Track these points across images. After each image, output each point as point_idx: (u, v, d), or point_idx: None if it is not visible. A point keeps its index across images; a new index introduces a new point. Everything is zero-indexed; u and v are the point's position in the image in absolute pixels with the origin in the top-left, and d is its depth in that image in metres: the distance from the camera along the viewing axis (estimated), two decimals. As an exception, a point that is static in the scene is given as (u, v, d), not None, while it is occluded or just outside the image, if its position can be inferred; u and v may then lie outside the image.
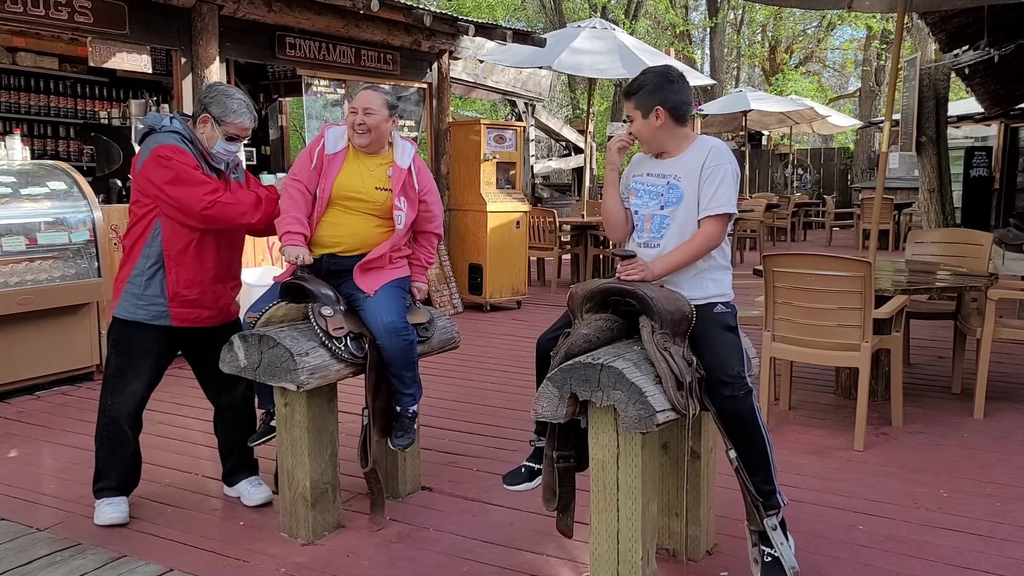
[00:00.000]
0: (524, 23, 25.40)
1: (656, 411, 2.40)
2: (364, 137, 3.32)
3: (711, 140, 2.88)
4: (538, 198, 14.88)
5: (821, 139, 24.67)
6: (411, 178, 3.38)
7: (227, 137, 3.27)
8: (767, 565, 2.73)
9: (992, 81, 9.59)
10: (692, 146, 2.85)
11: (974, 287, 4.60)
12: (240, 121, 3.27)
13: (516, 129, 8.44)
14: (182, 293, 3.26)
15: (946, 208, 8.96)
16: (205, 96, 3.32)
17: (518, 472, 2.95)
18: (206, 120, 3.26)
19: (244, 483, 3.54)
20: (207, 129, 3.27)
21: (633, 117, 2.85)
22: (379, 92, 3.37)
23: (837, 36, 27.05)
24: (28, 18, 5.26)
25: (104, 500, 3.32)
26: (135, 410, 3.35)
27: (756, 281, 4.48)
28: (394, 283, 3.33)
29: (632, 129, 2.86)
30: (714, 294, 2.81)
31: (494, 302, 8.27)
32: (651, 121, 2.81)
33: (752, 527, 2.77)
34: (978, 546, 3.10)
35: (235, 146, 3.33)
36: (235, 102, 3.27)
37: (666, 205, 2.81)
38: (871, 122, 18.74)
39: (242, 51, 6.56)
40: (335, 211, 3.32)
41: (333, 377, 3.15)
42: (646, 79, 2.83)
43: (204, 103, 3.29)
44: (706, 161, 2.78)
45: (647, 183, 2.88)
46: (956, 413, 4.70)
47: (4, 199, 5.14)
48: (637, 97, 2.82)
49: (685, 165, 2.82)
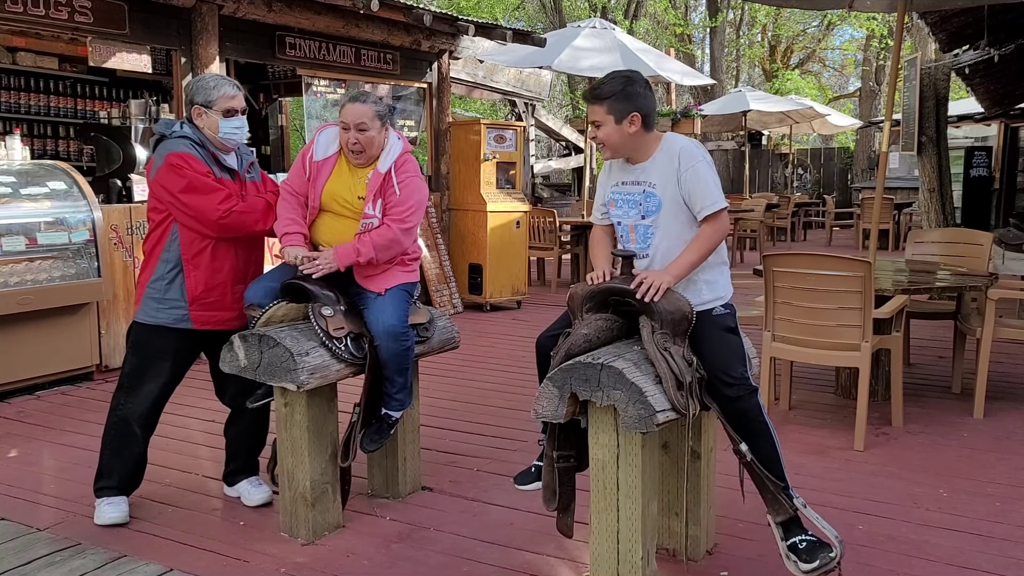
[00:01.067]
0: (524, 23, 25.39)
1: (656, 411, 2.40)
2: (359, 157, 3.27)
3: (676, 140, 2.83)
4: (538, 198, 14.88)
5: (821, 139, 24.67)
6: (390, 179, 3.27)
7: (224, 114, 3.26)
8: (810, 546, 2.63)
9: (992, 81, 9.60)
10: (660, 149, 2.81)
11: (974, 287, 4.60)
12: (224, 92, 3.26)
13: (516, 129, 8.44)
14: (201, 296, 3.27)
15: (946, 208, 8.96)
16: (188, 95, 3.34)
17: (528, 472, 2.95)
18: (199, 112, 3.27)
19: (244, 483, 3.54)
20: (204, 119, 3.26)
21: (602, 122, 2.75)
22: (368, 103, 3.23)
23: (837, 36, 27.07)
24: (28, 18, 5.26)
25: (104, 499, 3.31)
26: (148, 411, 3.35)
27: (756, 281, 4.48)
28: (402, 287, 3.31)
29: (601, 135, 2.77)
30: (708, 299, 2.79)
31: (494, 302, 8.27)
32: (624, 127, 2.75)
33: (779, 518, 2.68)
34: (978, 546, 3.10)
35: (238, 121, 3.30)
36: (209, 79, 3.30)
37: (646, 214, 2.79)
38: (871, 122, 18.74)
39: (242, 51, 6.56)
40: (326, 216, 3.34)
41: (333, 377, 3.15)
42: (616, 84, 2.76)
43: (189, 99, 3.31)
44: (679, 166, 2.74)
45: (623, 192, 2.85)
46: (956, 413, 4.70)
47: (4, 199, 5.14)
48: (610, 102, 2.73)
49: (658, 171, 2.78)
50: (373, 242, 3.19)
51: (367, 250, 3.18)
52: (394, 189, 3.26)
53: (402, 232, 3.24)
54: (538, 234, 9.44)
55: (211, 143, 3.28)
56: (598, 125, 2.77)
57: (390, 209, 3.26)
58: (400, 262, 3.33)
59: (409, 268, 3.38)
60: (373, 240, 3.20)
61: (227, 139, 3.29)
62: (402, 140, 3.38)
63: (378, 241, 3.20)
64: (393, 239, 3.22)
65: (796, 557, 2.64)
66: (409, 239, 3.30)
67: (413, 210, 3.28)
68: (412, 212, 3.27)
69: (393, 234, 3.22)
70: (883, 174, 5.32)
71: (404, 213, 3.25)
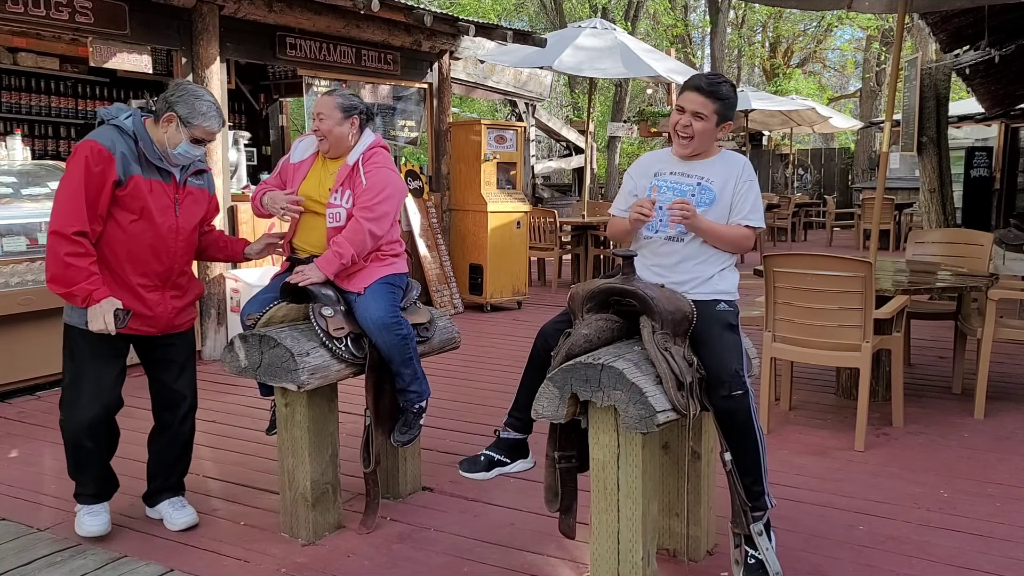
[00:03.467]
0: (525, 23, 25.40)
1: (656, 411, 2.40)
2: (323, 143, 3.40)
3: (739, 156, 2.97)
4: (539, 198, 14.88)
5: (822, 139, 24.68)
6: (357, 170, 3.34)
7: (192, 140, 3.05)
8: (751, 567, 2.74)
9: (993, 81, 9.60)
10: (720, 155, 2.93)
11: (975, 287, 4.59)
12: (208, 125, 3.06)
13: (516, 129, 8.44)
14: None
15: (947, 208, 8.96)
16: (172, 95, 3.06)
17: (476, 460, 2.93)
18: (171, 119, 3.02)
19: (166, 504, 3.33)
20: (171, 129, 3.02)
21: (707, 116, 2.81)
22: (333, 95, 3.38)
23: (838, 36, 27.07)
24: (29, 18, 5.26)
25: (84, 508, 3.20)
26: (97, 420, 3.07)
27: (756, 281, 4.48)
28: (384, 279, 3.32)
29: (699, 127, 2.82)
30: (720, 290, 2.83)
31: (494, 302, 8.27)
32: (717, 129, 2.86)
33: (737, 529, 2.78)
34: (979, 546, 3.10)
35: (199, 150, 3.12)
36: (204, 104, 3.05)
37: (699, 204, 2.83)
38: (872, 122, 18.74)
39: (242, 51, 6.56)
40: (307, 216, 3.42)
41: (334, 377, 3.15)
42: (730, 90, 2.86)
43: (170, 101, 3.04)
44: (742, 175, 2.87)
45: (671, 180, 2.91)
46: (957, 413, 4.70)
47: (5, 199, 5.15)
48: (723, 104, 2.83)
49: (718, 171, 2.88)
50: (348, 240, 3.24)
51: (346, 249, 3.22)
52: (361, 179, 3.32)
53: (370, 222, 3.25)
54: (539, 234, 9.43)
55: (155, 147, 3.04)
56: (701, 117, 2.81)
57: (357, 199, 3.30)
58: (375, 258, 3.35)
59: (386, 262, 3.38)
60: (347, 238, 3.24)
61: (178, 157, 3.07)
62: (376, 137, 3.47)
63: (352, 237, 3.24)
64: (363, 231, 3.25)
65: (743, 567, 2.77)
66: (380, 229, 3.30)
67: (380, 200, 3.29)
68: (379, 202, 3.28)
69: (361, 227, 3.25)
70: (883, 174, 5.32)
71: (371, 202, 3.27)
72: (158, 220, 3.06)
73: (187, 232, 3.18)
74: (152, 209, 3.03)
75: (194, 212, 3.22)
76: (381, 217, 3.29)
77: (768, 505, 2.78)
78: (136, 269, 3.06)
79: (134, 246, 3.04)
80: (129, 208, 3.01)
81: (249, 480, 3.79)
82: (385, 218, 3.31)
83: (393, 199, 3.35)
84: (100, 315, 2.91)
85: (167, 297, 3.17)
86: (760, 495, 2.74)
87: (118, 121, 3.02)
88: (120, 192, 2.98)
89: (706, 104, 2.81)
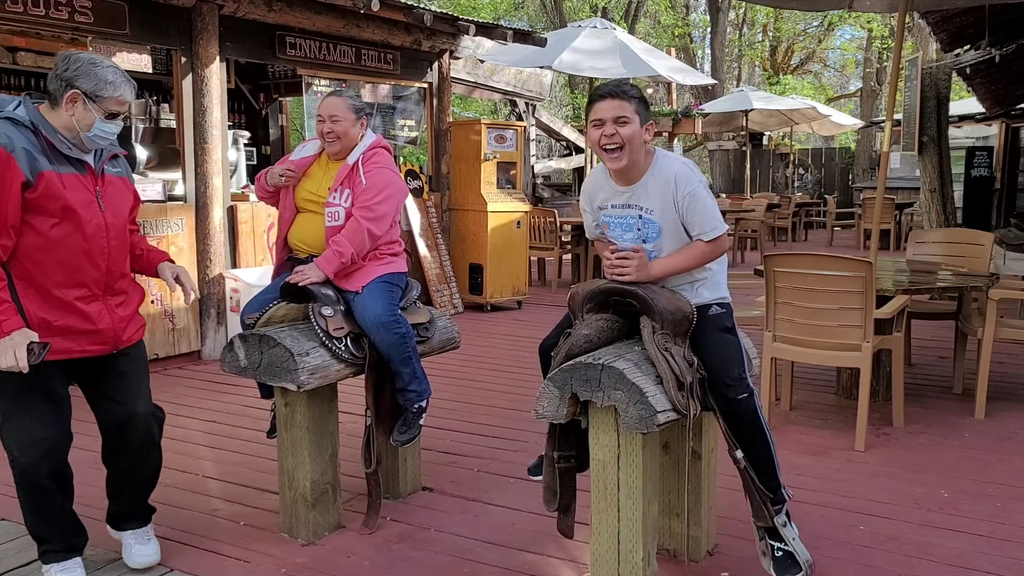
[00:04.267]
0: (526, 22, 25.40)
1: (657, 411, 2.40)
2: (334, 145, 3.41)
3: (670, 164, 2.74)
4: (539, 198, 14.87)
5: (822, 139, 24.66)
6: (357, 170, 3.36)
7: (107, 115, 2.63)
8: (780, 559, 2.74)
9: (993, 81, 9.60)
10: (652, 169, 2.73)
11: (975, 287, 4.59)
12: (120, 94, 2.64)
13: (517, 129, 8.44)
14: (47, 319, 2.60)
15: (947, 208, 8.96)
16: (65, 70, 2.58)
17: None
18: (75, 98, 2.57)
19: (129, 536, 2.98)
20: (77, 109, 2.58)
21: (630, 119, 2.65)
22: (343, 98, 3.42)
23: (838, 36, 27.08)
24: (28, 18, 5.26)
25: (54, 567, 2.78)
26: (48, 458, 2.70)
27: (757, 281, 4.48)
28: (381, 278, 3.32)
29: (626, 132, 2.65)
30: (708, 299, 2.80)
31: (495, 302, 8.26)
32: (643, 131, 2.70)
33: (760, 523, 2.77)
34: (980, 547, 3.09)
35: (116, 126, 2.67)
36: (107, 71, 2.62)
37: (648, 239, 2.76)
38: (872, 122, 18.75)
39: (242, 51, 6.55)
40: (304, 215, 3.45)
41: (333, 377, 3.15)
42: (639, 91, 2.73)
43: (67, 78, 2.57)
44: (676, 193, 2.69)
45: (616, 216, 2.82)
46: (957, 413, 4.69)
47: None
48: (638, 102, 2.68)
49: (655, 195, 2.72)
50: (347, 239, 3.25)
51: (345, 248, 3.23)
52: (360, 179, 3.33)
53: (369, 222, 3.26)
54: (539, 234, 9.43)
55: (60, 133, 2.58)
56: (624, 121, 2.64)
57: (357, 199, 3.32)
58: (374, 257, 3.36)
59: (384, 260, 3.39)
60: (346, 237, 3.26)
61: (94, 140, 2.64)
62: (377, 137, 3.49)
63: (351, 237, 3.26)
64: (362, 231, 3.26)
65: (771, 559, 2.76)
66: (379, 229, 3.31)
67: (380, 200, 3.31)
68: (379, 202, 3.30)
69: (360, 226, 3.27)
70: (884, 174, 5.32)
71: (371, 202, 3.29)
72: (84, 219, 2.61)
73: (117, 228, 2.74)
74: (74, 207, 2.58)
75: (119, 204, 2.77)
76: (380, 217, 3.31)
77: (786, 497, 2.79)
78: (70, 280, 2.62)
79: (62, 254, 2.59)
80: (46, 211, 2.54)
81: (249, 480, 3.79)
82: (384, 218, 3.33)
83: (393, 200, 3.37)
84: (11, 349, 2.44)
85: (111, 307, 2.74)
86: (777, 488, 2.76)
87: (8, 113, 2.55)
88: (31, 195, 2.51)
89: (623, 106, 2.64)
